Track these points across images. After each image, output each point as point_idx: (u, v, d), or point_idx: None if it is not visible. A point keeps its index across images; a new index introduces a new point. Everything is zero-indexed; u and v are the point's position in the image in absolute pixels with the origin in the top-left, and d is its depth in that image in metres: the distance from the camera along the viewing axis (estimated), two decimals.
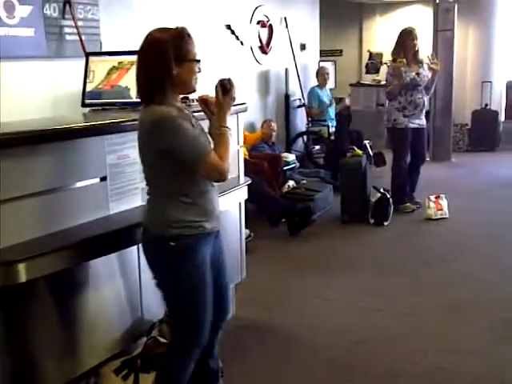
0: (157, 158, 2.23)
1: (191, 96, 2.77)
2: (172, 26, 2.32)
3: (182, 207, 2.27)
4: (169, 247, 2.25)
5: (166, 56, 2.20)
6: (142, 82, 2.27)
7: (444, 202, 5.88)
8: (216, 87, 2.34)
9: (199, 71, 2.32)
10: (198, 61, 2.29)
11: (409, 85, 5.87)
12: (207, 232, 2.33)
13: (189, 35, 2.28)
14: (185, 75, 2.25)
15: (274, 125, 6.96)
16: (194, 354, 2.41)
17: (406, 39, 5.97)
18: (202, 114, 2.53)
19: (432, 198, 5.88)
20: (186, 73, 2.25)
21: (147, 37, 2.27)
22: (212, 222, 2.35)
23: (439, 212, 5.84)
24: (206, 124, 2.51)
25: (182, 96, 2.48)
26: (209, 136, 2.39)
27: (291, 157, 6.97)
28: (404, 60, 5.82)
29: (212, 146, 2.32)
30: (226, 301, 2.60)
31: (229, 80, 2.34)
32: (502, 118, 10.19)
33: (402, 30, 6.08)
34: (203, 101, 2.46)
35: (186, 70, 2.25)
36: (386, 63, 9.62)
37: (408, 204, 6.11)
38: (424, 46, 7.03)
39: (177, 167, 2.23)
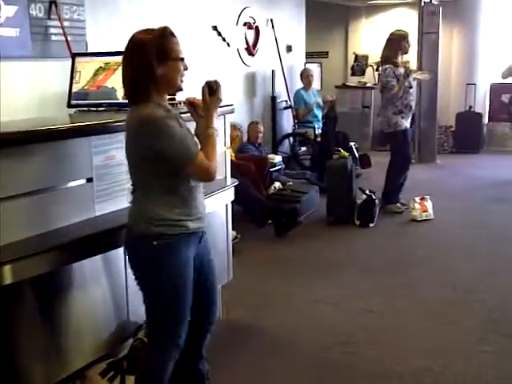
0: (143, 158, 2.23)
1: (178, 98, 2.76)
2: (156, 26, 2.31)
3: (166, 205, 2.26)
4: (151, 246, 2.24)
5: (147, 56, 2.20)
6: (127, 83, 2.28)
7: (429, 204, 5.92)
8: (203, 88, 2.34)
9: (186, 69, 2.32)
10: (182, 59, 2.29)
11: (405, 88, 5.91)
12: (190, 232, 2.32)
13: (172, 34, 2.28)
14: (170, 74, 2.25)
15: (260, 126, 6.98)
16: (172, 354, 2.39)
17: (402, 41, 5.98)
18: (189, 115, 2.53)
19: (417, 199, 5.91)
20: (170, 71, 2.26)
21: (131, 38, 2.27)
22: (196, 223, 2.34)
23: (424, 213, 5.87)
24: (192, 126, 2.51)
25: (168, 97, 2.48)
26: (195, 138, 2.38)
27: (277, 158, 6.99)
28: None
29: (199, 147, 2.31)
30: (213, 303, 2.59)
31: (215, 81, 2.35)
32: (486, 120, 10.29)
33: (399, 32, 6.07)
34: (190, 103, 2.46)
35: (171, 68, 2.25)
36: (371, 65, 9.71)
37: (398, 204, 6.15)
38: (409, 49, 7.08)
39: (163, 167, 2.23)
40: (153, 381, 2.41)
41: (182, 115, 2.49)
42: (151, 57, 2.20)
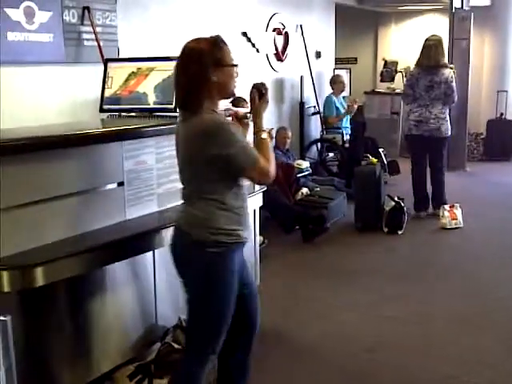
0: (205, 166, 2.24)
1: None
2: (205, 35, 2.34)
3: (228, 216, 2.28)
4: (205, 253, 2.26)
5: (203, 64, 2.24)
6: (182, 90, 2.30)
7: (458, 212, 5.85)
8: (252, 92, 2.39)
9: (237, 76, 2.36)
10: (236, 65, 2.34)
11: None
12: (241, 241, 2.35)
13: (223, 42, 2.32)
14: (224, 80, 2.29)
15: (288, 132, 6.97)
16: (209, 360, 2.41)
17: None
18: None
19: (446, 207, 5.85)
20: (225, 78, 2.30)
21: (184, 48, 2.30)
22: (246, 232, 2.37)
23: (453, 221, 5.80)
24: None
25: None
26: None
27: (305, 164, 6.95)
28: None
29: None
30: (256, 311, 2.57)
31: (262, 84, 2.41)
32: None
33: (439, 36, 6.14)
34: (234, 115, 2.48)
35: (226, 75, 2.30)
36: (401, 71, 9.65)
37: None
38: None
39: (223, 174, 2.26)
40: None
41: None
42: (208, 64, 2.24)
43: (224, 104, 2.56)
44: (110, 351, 2.74)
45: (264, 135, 2.36)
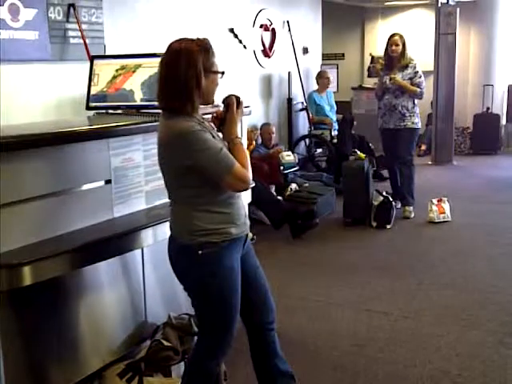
0: (181, 172, 2.21)
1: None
2: (192, 31, 2.32)
3: (208, 216, 2.25)
4: (196, 255, 2.24)
5: (197, 67, 2.17)
6: (171, 92, 2.20)
7: (446, 206, 5.88)
8: (231, 99, 2.34)
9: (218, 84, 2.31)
10: (223, 73, 2.29)
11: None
12: (233, 238, 2.31)
13: (211, 46, 2.26)
14: (210, 87, 2.25)
15: (271, 128, 6.97)
16: (220, 357, 2.44)
17: (386, 45, 6.15)
18: None
19: (434, 201, 5.88)
20: (211, 84, 2.25)
21: (172, 47, 2.21)
22: (238, 228, 2.33)
23: (441, 215, 5.84)
24: None
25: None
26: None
27: (290, 157, 6.86)
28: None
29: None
30: (269, 301, 2.57)
31: (232, 98, 2.34)
32: (504, 121, 10.19)
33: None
34: (217, 117, 2.42)
35: (211, 81, 2.25)
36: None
37: None
38: (426, 50, 6.98)
39: (201, 180, 2.22)
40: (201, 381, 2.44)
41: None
42: (199, 67, 2.18)
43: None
44: (100, 349, 2.73)
45: (239, 141, 2.30)
